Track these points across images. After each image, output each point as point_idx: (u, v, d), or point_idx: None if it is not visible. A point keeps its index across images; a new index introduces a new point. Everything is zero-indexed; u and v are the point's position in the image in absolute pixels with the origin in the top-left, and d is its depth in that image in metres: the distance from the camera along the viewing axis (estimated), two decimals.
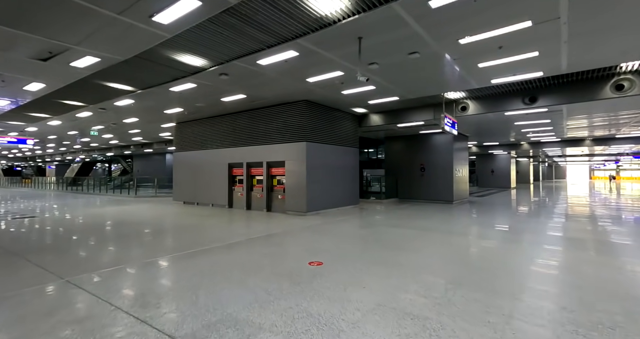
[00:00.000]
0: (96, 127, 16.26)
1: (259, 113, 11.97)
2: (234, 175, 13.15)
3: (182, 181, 15.14)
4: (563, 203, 15.61)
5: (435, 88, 9.06)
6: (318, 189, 11.10)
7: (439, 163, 15.04)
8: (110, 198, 18.45)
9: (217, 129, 13.57)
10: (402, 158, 16.48)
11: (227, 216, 10.76)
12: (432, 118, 11.22)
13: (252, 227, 8.47)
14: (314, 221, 9.34)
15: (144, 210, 12.46)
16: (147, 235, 7.45)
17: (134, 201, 15.92)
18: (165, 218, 10.20)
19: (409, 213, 11.24)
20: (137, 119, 14.18)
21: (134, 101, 10.69)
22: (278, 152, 11.36)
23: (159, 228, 8.32)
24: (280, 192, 11.59)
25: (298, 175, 10.81)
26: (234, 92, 9.65)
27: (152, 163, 29.68)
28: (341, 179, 12.30)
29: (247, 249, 5.93)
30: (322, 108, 11.38)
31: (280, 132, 11.28)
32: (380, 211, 11.94)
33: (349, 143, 12.84)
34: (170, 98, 10.25)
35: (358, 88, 9.10)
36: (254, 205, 12.38)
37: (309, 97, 10.27)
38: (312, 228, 8.12)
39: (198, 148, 14.40)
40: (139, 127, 16.76)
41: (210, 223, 9.19)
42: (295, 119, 10.88)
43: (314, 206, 10.94)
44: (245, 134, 12.45)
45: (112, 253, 5.73)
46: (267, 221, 9.55)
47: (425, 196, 15.40)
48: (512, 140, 21.52)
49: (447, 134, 14.75)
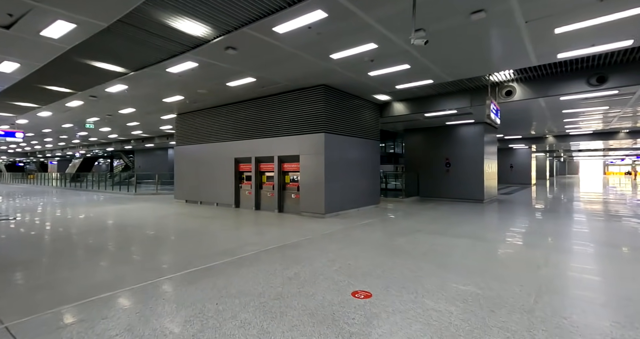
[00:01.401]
0: (91, 119, 14.97)
1: (270, 102, 10.56)
2: (241, 171, 11.80)
3: (183, 178, 13.83)
4: (612, 203, 14.07)
5: (482, 67, 7.58)
6: (337, 187, 9.72)
7: (468, 158, 13.56)
8: (109, 195, 17.24)
9: (222, 120, 12.21)
10: (424, 153, 15.01)
11: (234, 218, 9.43)
12: (469, 105, 9.73)
13: (265, 233, 7.12)
14: (335, 225, 7.97)
15: (142, 210, 11.19)
16: (139, 245, 6.13)
17: (133, 200, 14.67)
18: (163, 221, 8.89)
19: (442, 215, 9.82)
20: (133, 109, 12.85)
21: (127, 87, 9.34)
22: (292, 144, 9.97)
23: (154, 235, 7.01)
24: (294, 191, 10.23)
25: (315, 171, 9.43)
26: (242, 74, 8.25)
27: (154, 158, 28.48)
28: (361, 176, 10.90)
29: (264, 268, 4.58)
30: (341, 94, 9.95)
31: (295, 122, 9.88)
32: (407, 212, 10.53)
33: (370, 135, 11.41)
34: (169, 82, 8.88)
35: (388, 69, 7.65)
36: (264, 205, 11.04)
37: (329, 80, 8.84)
38: (337, 236, 6.75)
39: (201, 142, 13.06)
40: (137, 119, 15.44)
41: (215, 227, 7.87)
42: (312, 107, 9.47)
43: (333, 207, 9.57)
44: (254, 125, 11.07)
45: (87, 275, 4.40)
46: (281, 224, 8.20)
47: (450, 195, 13.95)
48: (544, 132, 19.90)
49: (477, 125, 13.28)
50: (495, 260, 5.15)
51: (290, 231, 7.25)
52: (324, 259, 5.02)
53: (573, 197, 16.15)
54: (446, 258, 5.08)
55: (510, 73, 8.38)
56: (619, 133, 20.21)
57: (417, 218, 9.15)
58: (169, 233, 7.26)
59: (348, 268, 4.54)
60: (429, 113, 11.33)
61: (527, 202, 13.78)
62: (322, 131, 9.28)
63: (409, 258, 5.10)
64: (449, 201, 13.57)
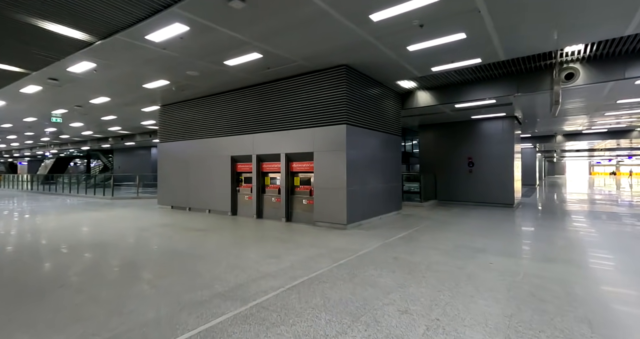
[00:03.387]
0: (57, 112, 12.74)
1: (277, 88, 8.73)
2: (239, 171, 9.91)
3: (169, 180, 11.80)
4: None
5: (561, 38, 5.96)
6: (359, 191, 7.98)
7: (495, 156, 12.05)
8: (83, 200, 14.96)
9: (217, 112, 10.28)
10: (442, 151, 13.45)
11: (234, 230, 7.54)
12: (514, 93, 8.15)
13: (281, 255, 5.30)
14: (365, 240, 6.22)
15: (117, 219, 9.14)
16: (98, 283, 4.21)
17: (109, 206, 12.53)
18: (141, 237, 6.92)
19: (484, 225, 8.21)
20: (107, 99, 10.76)
21: (95, 65, 7.34)
22: (304, 139, 8.17)
23: (125, 263, 5.07)
24: (306, 195, 8.43)
25: (334, 171, 7.66)
26: (245, 47, 6.39)
27: (136, 158, 26.07)
28: (383, 177, 9.19)
29: (301, 329, 2.78)
30: (363, 80, 8.21)
31: (309, 112, 8.09)
32: (438, 220, 8.88)
33: (391, 129, 9.71)
34: (149, 58, 6.94)
35: (436, 39, 5.96)
36: (268, 213, 9.18)
37: (353, 58, 7.09)
38: (380, 259, 5.00)
39: (191, 137, 11.08)
40: (113, 112, 13.29)
41: (210, 245, 5.98)
42: (332, 93, 7.70)
43: (355, 215, 7.83)
44: (256, 117, 9.20)
45: None
46: (296, 240, 6.38)
47: (473, 198, 12.42)
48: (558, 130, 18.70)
49: (505, 119, 11.81)
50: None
51: (314, 252, 5.44)
52: (390, 307, 3.25)
53: (597, 196, 14.92)
54: (592, 306, 3.40)
55: (575, 51, 6.84)
56: (632, 132, 19.27)
57: (458, 229, 7.50)
58: (146, 258, 5.32)
59: (444, 330, 2.79)
60: (460, 104, 9.73)
61: (559, 206, 12.38)
62: (343, 122, 7.52)
63: (526, 303, 3.38)
64: (473, 206, 12.03)
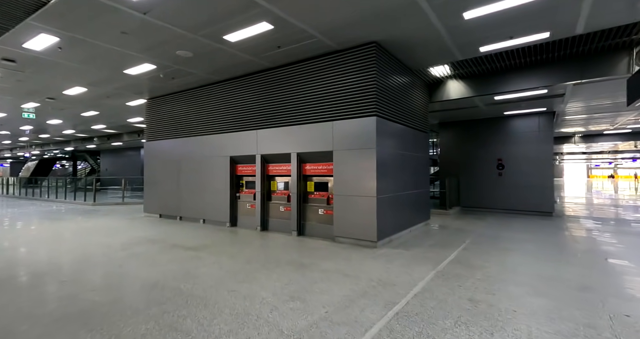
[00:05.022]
0: (28, 105, 11.08)
1: (288, 73, 7.23)
2: (239, 174, 8.37)
3: (157, 184, 10.19)
4: None
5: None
6: (390, 199, 6.50)
7: (529, 158, 10.66)
8: (60, 206, 13.23)
9: (214, 104, 8.73)
10: (466, 152, 12.03)
11: (233, 249, 5.96)
12: (578, 80, 6.74)
13: (303, 295, 3.76)
14: (407, 265, 4.71)
15: (90, 232, 7.51)
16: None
17: (88, 213, 10.86)
18: (112, 259, 5.32)
19: (547, 241, 6.76)
20: (83, 89, 9.15)
21: (58, 39, 5.77)
22: (320, 135, 6.66)
23: (70, 309, 3.50)
24: (322, 204, 6.91)
25: (359, 174, 6.16)
26: (252, 14, 4.89)
27: (124, 159, 24.32)
28: (413, 181, 7.72)
29: None
30: (393, 63, 6.75)
31: (329, 102, 6.59)
32: (483, 234, 7.41)
33: (419, 124, 8.26)
34: (127, 29, 5.39)
35: (504, 1, 4.54)
36: (275, 224, 7.64)
37: (387, 32, 5.62)
38: (446, 300, 3.50)
39: (182, 135, 9.51)
40: (93, 106, 11.65)
41: (203, 276, 4.42)
42: (358, 77, 6.22)
43: (386, 229, 6.33)
44: (261, 110, 7.69)
45: None
46: (317, 265, 4.83)
47: (503, 205, 11.01)
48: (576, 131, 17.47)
49: (543, 115, 10.43)
50: None
51: (351, 288, 3.91)
52: None
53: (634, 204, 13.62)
54: None
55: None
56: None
57: (519, 249, 6.04)
58: (111, 299, 3.74)
59: None
60: (502, 96, 8.31)
61: (606, 214, 11.01)
62: (373, 113, 6.03)
63: None
64: (505, 214, 10.60)
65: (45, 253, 5.68)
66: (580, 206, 13.33)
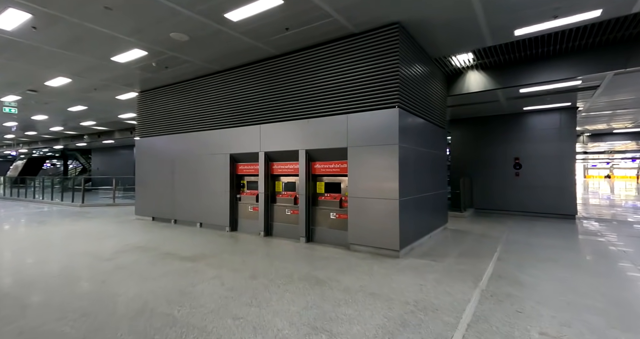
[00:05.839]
0: (7, 99, 10.19)
1: (296, 61, 6.47)
2: (240, 174, 7.59)
3: (149, 184, 9.38)
4: None
5: None
6: (411, 202, 5.77)
7: (549, 157, 9.99)
8: (46, 207, 12.34)
9: (212, 96, 7.94)
10: (479, 150, 11.35)
11: (236, 259, 5.18)
12: (622, 68, 6.06)
13: (329, 325, 3.01)
14: (441, 280, 3.98)
15: (72, 237, 6.68)
16: None
17: (75, 215, 10.00)
18: (95, 272, 4.52)
19: (585, 250, 6.09)
20: (67, 80, 8.31)
21: (31, 16, 4.96)
22: (333, 130, 5.91)
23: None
24: (334, 207, 6.17)
25: (378, 174, 5.43)
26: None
27: (116, 158, 23.39)
28: (432, 182, 7.01)
29: None
30: (414, 49, 6.00)
31: (341, 92, 5.84)
32: (513, 241, 6.71)
33: (438, 119, 7.54)
34: (116, 2, 4.60)
35: None
36: (280, 229, 6.88)
37: (414, 8, 4.89)
38: (511, 335, 2.78)
39: (177, 131, 8.70)
40: (80, 100, 10.79)
41: (201, 296, 3.65)
42: (378, 63, 5.47)
43: (408, 236, 5.61)
44: (266, 102, 6.92)
45: None
46: (338, 281, 4.07)
47: (521, 207, 10.33)
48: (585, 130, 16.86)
49: (564, 111, 9.78)
50: None
51: (384, 314, 3.18)
52: None
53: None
54: None
55: None
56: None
57: (560, 258, 5.34)
58: (95, 331, 2.97)
59: None
60: (529, 88, 7.60)
61: (627, 216, 10.39)
62: (394, 104, 5.30)
63: None
64: (522, 217, 9.94)
65: (16, 265, 4.87)
66: (597, 207, 12.73)
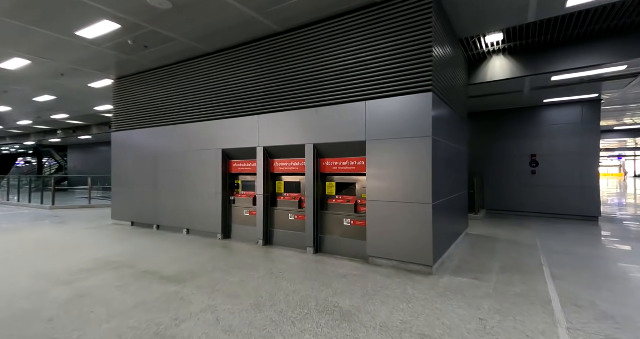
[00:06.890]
0: None
1: (302, 38, 5.42)
2: (234, 172, 6.51)
3: (128, 183, 8.19)
4: None
5: None
6: (443, 206, 4.85)
7: (570, 154, 9.26)
8: (11, 210, 10.92)
9: (200, 83, 6.81)
10: (491, 146, 10.56)
11: (232, 279, 4.12)
12: None
13: None
14: (507, 313, 3.05)
15: (28, 251, 5.47)
16: None
17: (41, 219, 8.70)
18: (39, 305, 3.41)
19: None
20: (26, 61, 7.02)
21: None
22: (346, 120, 4.91)
23: None
24: (348, 212, 5.18)
25: (406, 172, 4.47)
26: None
27: (95, 155, 21.79)
28: (457, 181, 6.11)
29: None
30: (444, 24, 5.04)
31: (359, 74, 4.83)
32: (553, 250, 5.85)
33: (461, 109, 6.65)
34: None
35: None
36: (282, 237, 5.85)
37: None
38: None
39: (159, 123, 7.53)
40: (46, 88, 9.43)
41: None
42: (407, 37, 4.47)
43: (439, 247, 4.68)
44: (265, 89, 5.84)
45: None
46: (371, 315, 3.08)
47: (537, 208, 9.59)
48: None
49: (587, 104, 9.06)
50: None
51: None
52: None
53: None
54: None
55: None
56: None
57: (623, 276, 4.52)
58: None
59: None
60: (562, 75, 6.77)
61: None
62: (427, 88, 4.34)
63: None
64: (541, 218, 9.19)
65: None
66: (617, 207, 12.18)
